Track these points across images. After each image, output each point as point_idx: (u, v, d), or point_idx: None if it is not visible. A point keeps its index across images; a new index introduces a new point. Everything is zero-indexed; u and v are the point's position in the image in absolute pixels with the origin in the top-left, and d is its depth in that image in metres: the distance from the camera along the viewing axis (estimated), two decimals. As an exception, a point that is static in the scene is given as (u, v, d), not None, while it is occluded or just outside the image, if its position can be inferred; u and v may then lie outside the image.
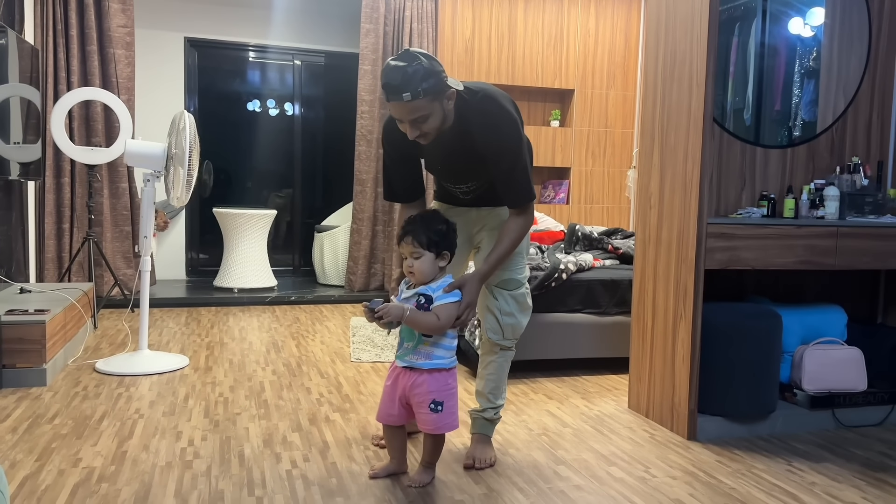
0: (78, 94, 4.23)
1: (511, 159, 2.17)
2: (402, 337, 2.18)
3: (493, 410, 2.46)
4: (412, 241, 2.10)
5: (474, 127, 2.16)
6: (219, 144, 6.45)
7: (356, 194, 5.71)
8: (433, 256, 2.11)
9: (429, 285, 2.13)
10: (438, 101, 2.06)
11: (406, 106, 2.01)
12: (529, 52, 5.87)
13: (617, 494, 2.14)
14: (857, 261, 2.80)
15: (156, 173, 3.50)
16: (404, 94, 1.99)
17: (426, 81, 2.00)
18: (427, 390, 2.11)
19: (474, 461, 2.34)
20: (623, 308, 3.61)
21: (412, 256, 2.11)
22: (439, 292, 2.12)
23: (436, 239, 2.10)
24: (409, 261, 2.12)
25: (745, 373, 2.65)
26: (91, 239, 4.55)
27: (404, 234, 2.12)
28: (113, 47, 4.99)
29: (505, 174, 2.20)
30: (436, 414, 2.11)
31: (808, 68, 3.13)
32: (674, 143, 2.77)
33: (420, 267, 2.10)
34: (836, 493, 2.20)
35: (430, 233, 2.10)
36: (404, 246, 2.12)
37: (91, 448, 2.39)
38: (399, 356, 2.18)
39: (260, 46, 6.40)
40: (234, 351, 3.88)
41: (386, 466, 2.23)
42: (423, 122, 2.06)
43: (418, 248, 2.09)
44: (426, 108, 2.03)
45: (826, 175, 3.11)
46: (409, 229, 2.12)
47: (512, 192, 2.22)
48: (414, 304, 2.11)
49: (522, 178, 2.21)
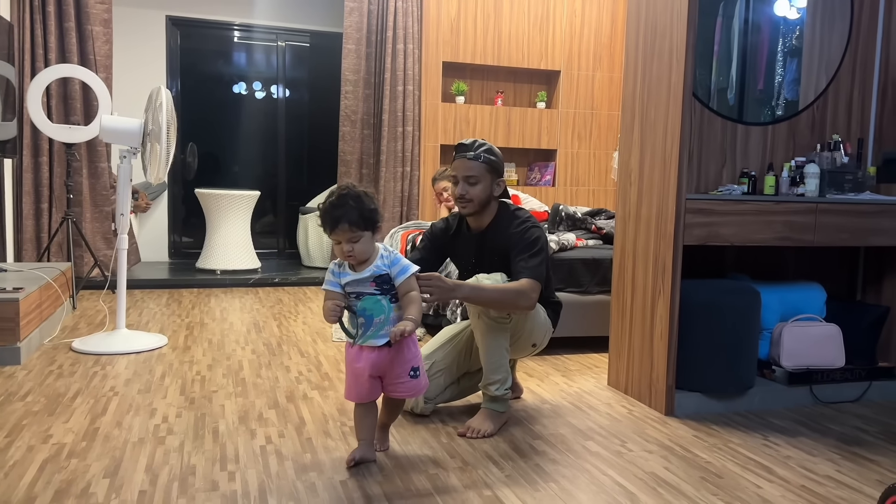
0: (55, 70, 4.16)
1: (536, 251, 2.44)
2: (368, 314, 2.04)
3: (493, 386, 2.43)
4: (349, 227, 1.97)
5: (509, 226, 2.50)
6: (203, 127, 6.39)
7: (341, 175, 5.66)
8: (370, 234, 2.02)
9: (376, 265, 2.02)
10: (491, 175, 2.48)
11: (466, 163, 2.46)
12: (515, 33, 5.83)
13: (592, 468, 2.14)
14: (835, 237, 2.80)
15: (132, 150, 3.44)
16: (468, 153, 2.47)
17: (489, 154, 2.49)
18: (405, 359, 2.08)
19: (468, 429, 2.37)
20: (605, 287, 3.60)
21: (350, 241, 1.99)
22: (396, 268, 2.03)
23: (369, 216, 2.00)
24: (347, 246, 1.99)
25: (724, 349, 2.65)
26: (70, 219, 4.49)
27: (336, 221, 1.98)
28: (91, 24, 4.91)
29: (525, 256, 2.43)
30: (415, 379, 2.11)
31: (791, 47, 3.12)
32: (654, 118, 2.75)
33: (361, 248, 2.00)
34: (811, 466, 2.21)
35: (361, 212, 1.98)
36: (340, 233, 1.98)
37: (63, 425, 2.36)
38: (370, 336, 2.04)
39: (244, 25, 6.32)
40: (214, 331, 3.85)
41: (359, 450, 2.12)
42: (473, 184, 2.46)
43: (356, 231, 1.98)
44: (480, 173, 2.46)
45: (807, 152, 3.10)
46: (340, 214, 1.97)
47: (527, 270, 2.40)
48: (371, 286, 2.02)
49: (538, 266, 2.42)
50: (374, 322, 2.05)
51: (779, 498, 1.97)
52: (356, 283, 2.04)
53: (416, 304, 2.05)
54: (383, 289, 2.04)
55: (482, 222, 2.56)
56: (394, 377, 2.10)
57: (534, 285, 2.38)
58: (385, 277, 2.04)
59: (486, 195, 2.49)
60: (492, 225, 2.55)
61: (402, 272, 2.05)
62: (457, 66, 5.83)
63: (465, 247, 2.63)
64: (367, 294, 2.04)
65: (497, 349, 2.42)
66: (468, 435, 2.36)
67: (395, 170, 5.67)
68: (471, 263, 2.60)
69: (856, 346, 3.02)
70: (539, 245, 2.45)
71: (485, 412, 2.43)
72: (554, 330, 2.66)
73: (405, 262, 2.07)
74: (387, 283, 2.04)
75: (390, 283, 2.04)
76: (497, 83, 6.03)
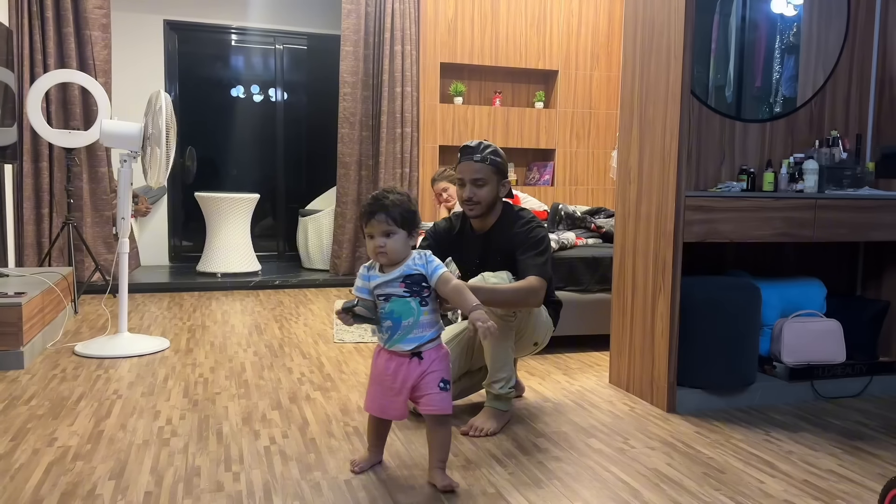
0: (54, 76, 4.17)
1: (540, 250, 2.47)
2: (396, 317, 1.96)
3: (497, 384, 2.44)
4: (385, 219, 1.93)
5: (513, 226, 2.53)
6: (202, 130, 6.40)
7: (340, 177, 5.68)
8: (405, 235, 1.96)
9: (406, 265, 1.95)
10: (497, 177, 2.51)
11: (473, 165, 2.48)
12: (513, 33, 5.84)
13: (595, 465, 2.15)
14: (834, 233, 2.81)
15: (132, 154, 3.45)
16: (475, 156, 2.49)
17: (495, 156, 2.52)
18: (437, 368, 1.98)
19: (471, 428, 2.38)
20: (605, 286, 3.61)
21: (384, 235, 1.94)
22: (431, 265, 1.95)
23: (409, 217, 1.96)
24: (380, 240, 1.94)
25: (724, 345, 2.66)
26: (70, 224, 4.50)
27: (374, 212, 1.95)
28: (89, 29, 4.92)
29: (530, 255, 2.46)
30: (445, 392, 1.97)
31: (788, 44, 3.13)
32: (652, 116, 2.76)
33: (393, 245, 1.93)
34: (813, 460, 2.22)
35: (402, 210, 1.95)
36: (375, 224, 1.94)
37: (67, 428, 2.37)
38: (398, 340, 1.96)
39: (241, 29, 6.34)
40: (216, 334, 3.86)
41: (368, 459, 2.11)
42: (480, 186, 2.48)
43: (392, 226, 1.93)
44: (486, 175, 2.48)
45: (805, 149, 3.11)
46: (379, 206, 1.95)
47: (533, 268, 2.43)
48: (401, 287, 1.95)
49: (543, 263, 2.45)
50: (402, 325, 1.95)
51: (781, 493, 1.98)
52: (385, 285, 1.96)
53: (468, 291, 1.96)
54: (413, 290, 1.95)
55: (487, 223, 2.58)
56: (423, 389, 1.97)
57: (542, 283, 2.40)
58: (416, 277, 1.95)
59: (493, 197, 2.51)
60: (496, 225, 2.57)
61: (438, 268, 1.96)
62: (455, 66, 5.84)
63: (469, 247, 2.64)
64: (396, 296, 1.95)
65: (502, 348, 2.43)
66: (471, 434, 2.36)
67: (394, 171, 5.68)
68: (475, 263, 2.61)
69: (856, 342, 3.03)
70: (544, 244, 2.48)
71: (488, 411, 2.44)
72: (554, 328, 2.67)
73: (437, 261, 1.99)
74: (417, 285, 1.95)
75: (420, 285, 1.95)
76: (495, 83, 6.04)
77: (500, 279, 2.41)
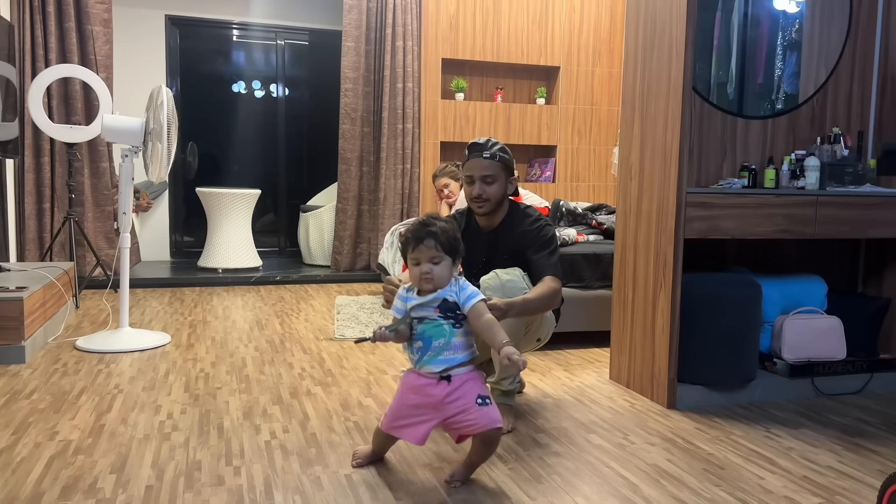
0: (56, 70, 4.17)
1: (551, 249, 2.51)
2: (427, 337, 1.95)
3: (506, 381, 2.46)
4: (434, 245, 1.93)
5: (520, 224, 2.54)
6: (203, 126, 6.39)
7: (341, 173, 5.68)
8: (451, 261, 1.96)
9: (445, 290, 1.95)
10: (505, 173, 2.51)
11: (482, 162, 2.48)
12: (514, 29, 5.83)
13: (594, 460, 2.15)
14: (836, 230, 2.81)
15: (133, 149, 3.45)
16: (485, 153, 2.49)
17: (504, 153, 2.52)
18: (468, 389, 1.94)
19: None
20: (606, 282, 3.61)
21: (431, 261, 1.94)
22: (465, 293, 1.94)
23: (455, 244, 1.97)
24: (426, 266, 1.93)
25: (725, 342, 2.66)
26: (72, 219, 4.50)
27: (422, 238, 1.94)
28: (91, 24, 4.91)
29: (543, 254, 2.50)
30: (486, 407, 1.92)
31: (790, 40, 3.12)
32: (654, 112, 2.76)
33: (440, 272, 1.93)
34: (813, 457, 2.22)
35: (449, 237, 1.96)
36: (423, 250, 1.94)
37: (69, 422, 2.38)
38: (427, 361, 1.95)
39: (242, 24, 6.33)
40: (217, 329, 3.87)
41: (369, 456, 2.10)
42: (490, 183, 2.48)
43: (440, 252, 1.93)
44: (496, 171, 2.48)
45: (807, 146, 3.11)
46: (427, 232, 1.95)
47: (549, 268, 2.48)
48: (435, 312, 1.95)
49: (556, 261, 2.51)
50: (433, 346, 1.95)
51: (781, 488, 1.98)
52: (421, 307, 1.97)
53: (499, 326, 1.95)
54: (447, 315, 1.95)
55: (494, 221, 2.57)
56: (459, 409, 1.93)
57: (560, 283, 2.46)
58: (451, 305, 1.95)
59: (502, 194, 2.52)
60: (503, 223, 2.57)
61: (472, 296, 1.95)
62: (456, 62, 5.84)
63: (475, 245, 2.59)
64: (430, 319, 1.96)
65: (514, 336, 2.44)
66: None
67: (396, 167, 5.67)
68: (481, 262, 2.60)
69: (857, 339, 3.03)
70: (555, 243, 2.52)
71: (501, 408, 2.43)
72: (556, 324, 2.67)
73: (473, 288, 1.98)
74: (451, 311, 1.95)
75: (455, 312, 1.95)
76: (496, 80, 6.04)
77: (513, 276, 2.41)
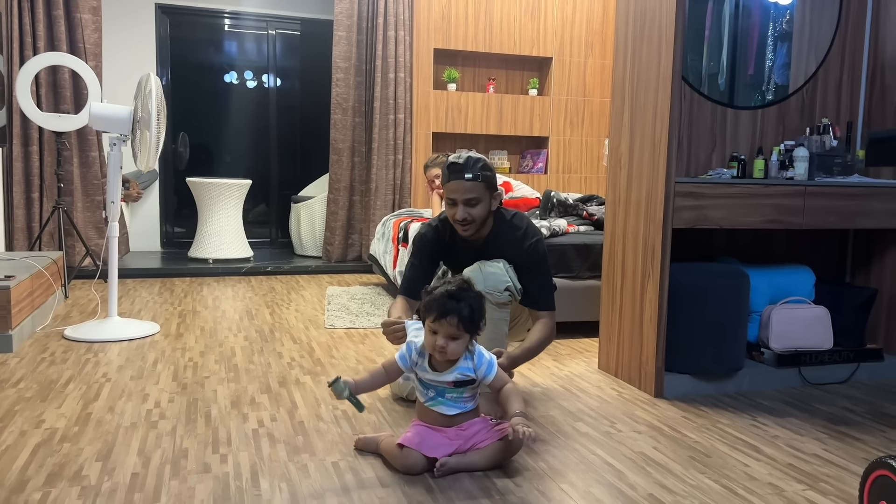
0: (43, 58, 4.13)
1: (545, 270, 2.50)
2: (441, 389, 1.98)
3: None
4: (458, 323, 1.88)
5: (509, 237, 2.48)
6: (194, 116, 6.36)
7: (332, 163, 5.66)
8: (469, 339, 1.93)
9: (459, 368, 1.94)
10: (489, 192, 2.41)
11: (465, 185, 2.36)
12: (507, 19, 5.81)
13: (581, 448, 2.16)
14: (824, 220, 2.82)
15: (122, 137, 3.43)
16: (466, 174, 2.36)
17: (485, 170, 2.39)
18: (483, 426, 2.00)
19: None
20: (595, 272, 3.62)
21: (449, 337, 1.89)
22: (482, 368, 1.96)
23: (478, 322, 1.93)
24: (443, 341, 1.89)
25: (712, 331, 2.67)
26: (61, 208, 4.47)
27: (447, 313, 1.88)
28: (79, 12, 4.87)
29: (539, 281, 2.49)
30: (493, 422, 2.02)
31: (781, 31, 3.12)
32: (643, 102, 2.75)
33: (455, 349, 1.91)
34: (798, 445, 2.23)
35: (475, 316, 1.91)
36: (444, 325, 1.88)
37: (55, 410, 2.37)
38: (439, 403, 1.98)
39: (233, 13, 6.29)
40: (207, 319, 3.86)
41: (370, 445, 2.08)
42: (474, 205, 2.38)
43: (461, 331, 1.89)
44: (480, 192, 2.38)
45: (796, 136, 3.11)
46: (454, 308, 1.88)
47: (545, 298, 2.50)
48: (450, 387, 1.96)
49: (550, 289, 2.52)
50: (446, 396, 1.98)
51: (766, 476, 1.99)
52: (436, 382, 1.97)
53: (517, 396, 1.97)
54: (461, 387, 1.97)
55: (480, 234, 2.52)
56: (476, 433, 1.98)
57: (554, 316, 2.52)
58: (466, 381, 1.96)
59: (486, 212, 2.44)
60: (490, 237, 2.52)
61: (489, 370, 1.96)
62: (448, 53, 5.82)
63: (461, 254, 2.58)
64: (442, 387, 1.98)
65: (498, 338, 2.45)
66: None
67: (387, 158, 5.66)
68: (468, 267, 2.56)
69: (844, 328, 3.04)
70: (547, 261, 2.53)
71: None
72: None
73: (487, 355, 1.98)
74: (466, 384, 1.97)
75: (471, 384, 1.98)
76: (489, 70, 6.02)
77: (496, 269, 2.43)
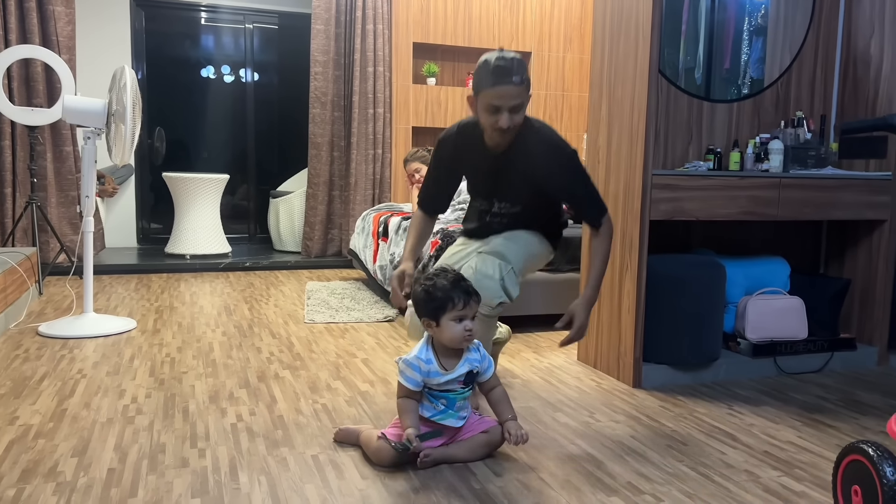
0: (16, 51, 4.07)
1: (584, 179, 2.28)
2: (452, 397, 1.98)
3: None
4: (479, 302, 1.94)
5: (539, 148, 2.24)
6: (171, 111, 6.29)
7: (311, 158, 5.63)
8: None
9: (468, 359, 1.97)
10: (528, 97, 2.19)
11: (512, 90, 2.11)
12: (486, 14, 5.82)
13: (560, 437, 2.17)
14: (798, 212, 2.85)
15: (96, 130, 3.38)
16: (514, 77, 2.11)
17: (527, 73, 2.16)
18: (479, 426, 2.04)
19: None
20: (574, 265, 3.64)
21: (472, 319, 1.93)
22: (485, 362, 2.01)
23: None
24: (471, 323, 1.91)
25: (690, 322, 2.70)
26: (34, 203, 4.41)
27: (472, 294, 1.91)
28: (52, 4, 4.79)
29: (589, 197, 2.29)
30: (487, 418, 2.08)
31: (757, 26, 3.15)
32: (621, 96, 2.77)
33: (477, 329, 1.97)
34: (773, 433, 2.27)
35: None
36: (473, 306, 1.91)
37: (29, 407, 2.34)
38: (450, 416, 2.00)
39: (210, 6, 6.22)
40: (184, 314, 3.82)
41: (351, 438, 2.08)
42: (517, 111, 2.15)
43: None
44: (524, 97, 2.15)
45: (771, 129, 3.15)
46: (470, 288, 1.92)
47: (594, 208, 2.29)
48: (459, 385, 1.97)
49: (596, 193, 2.31)
50: (456, 405, 2.00)
51: (742, 463, 2.02)
52: (448, 383, 1.97)
53: (507, 400, 2.03)
54: (468, 384, 2.00)
55: (504, 141, 2.27)
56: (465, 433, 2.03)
57: (606, 222, 2.29)
58: (473, 375, 1.99)
59: (522, 118, 2.23)
60: (514, 144, 2.26)
61: (490, 366, 2.02)
62: (427, 47, 5.81)
63: (479, 166, 2.37)
64: (453, 390, 1.98)
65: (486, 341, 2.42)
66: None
67: (367, 152, 5.64)
68: (486, 188, 2.41)
69: (818, 318, 3.09)
70: (584, 168, 2.29)
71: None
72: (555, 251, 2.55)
73: (485, 352, 2.02)
74: (471, 380, 2.00)
75: (474, 379, 2.01)
76: (468, 65, 6.02)
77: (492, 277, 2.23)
